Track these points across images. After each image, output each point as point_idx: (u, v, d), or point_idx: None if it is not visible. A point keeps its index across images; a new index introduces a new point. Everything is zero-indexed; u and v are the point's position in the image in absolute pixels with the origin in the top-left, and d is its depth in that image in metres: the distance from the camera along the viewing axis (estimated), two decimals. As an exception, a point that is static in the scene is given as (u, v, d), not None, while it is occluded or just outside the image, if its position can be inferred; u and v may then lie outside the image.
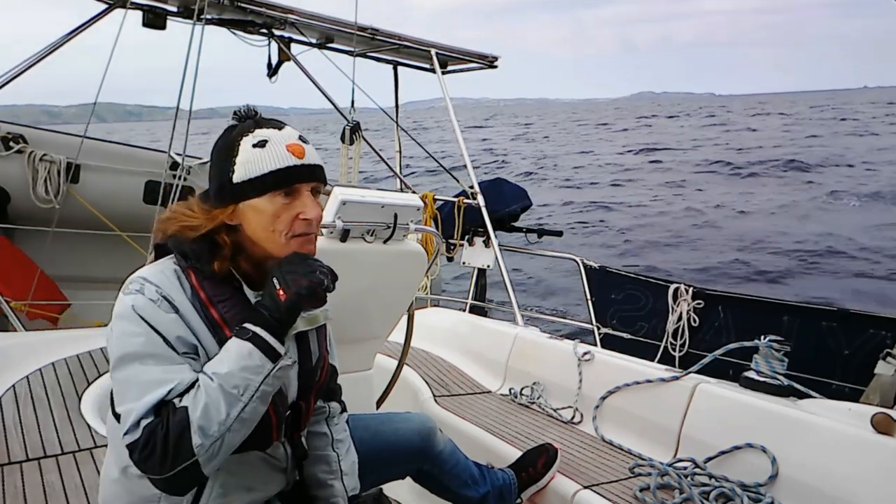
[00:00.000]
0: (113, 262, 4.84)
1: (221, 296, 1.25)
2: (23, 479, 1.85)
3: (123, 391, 1.18)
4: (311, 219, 1.27)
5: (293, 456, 1.42)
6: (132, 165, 5.21)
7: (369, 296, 2.15)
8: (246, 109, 1.33)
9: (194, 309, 1.23)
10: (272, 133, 1.28)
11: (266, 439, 1.32)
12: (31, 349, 2.68)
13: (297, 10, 4.48)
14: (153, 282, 1.23)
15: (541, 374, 2.80)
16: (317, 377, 1.43)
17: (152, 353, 1.18)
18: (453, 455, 1.93)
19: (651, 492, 1.94)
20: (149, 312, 1.19)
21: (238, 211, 1.27)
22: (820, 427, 1.91)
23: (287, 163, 1.25)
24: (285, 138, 1.28)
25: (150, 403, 1.14)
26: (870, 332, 3.53)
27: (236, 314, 1.25)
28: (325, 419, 1.55)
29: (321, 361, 1.44)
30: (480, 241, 4.82)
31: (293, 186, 1.26)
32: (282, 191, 1.25)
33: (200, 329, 1.23)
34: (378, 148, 5.01)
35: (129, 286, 1.24)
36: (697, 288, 4.30)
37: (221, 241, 1.27)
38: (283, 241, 1.26)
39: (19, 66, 4.08)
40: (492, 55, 5.44)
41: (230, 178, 1.26)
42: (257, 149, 1.26)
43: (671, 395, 2.29)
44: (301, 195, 1.27)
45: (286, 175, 1.25)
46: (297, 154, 1.27)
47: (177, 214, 1.29)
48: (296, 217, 1.26)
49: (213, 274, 1.25)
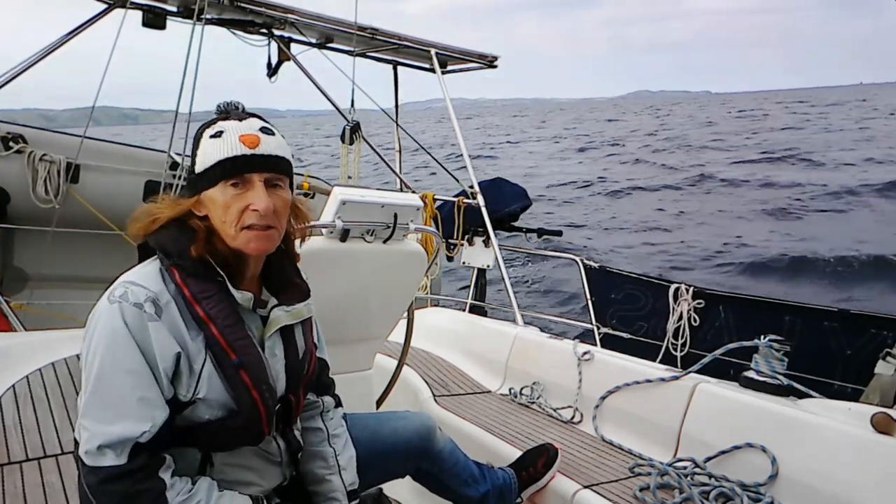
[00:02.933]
0: (113, 262, 4.81)
1: (206, 293, 1.25)
2: (23, 479, 1.85)
3: (93, 402, 1.19)
4: (258, 209, 1.23)
5: (287, 450, 1.43)
6: (132, 165, 5.20)
7: (369, 296, 2.15)
8: (226, 104, 1.32)
9: (178, 307, 1.23)
10: (230, 124, 1.28)
11: (258, 434, 1.33)
12: (31, 349, 2.68)
13: (297, 10, 4.48)
14: (138, 283, 1.23)
15: (541, 374, 2.80)
16: (304, 370, 1.43)
17: (131, 370, 1.18)
18: (453, 454, 1.92)
19: (651, 491, 1.94)
20: (133, 322, 1.19)
21: (201, 201, 1.28)
22: (820, 427, 1.91)
23: (235, 152, 1.24)
24: (241, 129, 1.27)
25: (120, 438, 1.15)
26: (871, 332, 3.52)
27: (221, 310, 1.25)
28: (320, 414, 1.56)
29: (307, 355, 1.44)
30: (480, 241, 4.82)
31: (243, 176, 1.24)
32: (230, 181, 1.24)
33: (184, 330, 1.23)
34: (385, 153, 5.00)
35: (113, 292, 1.23)
36: (698, 288, 4.30)
37: (195, 224, 1.27)
38: (232, 232, 1.25)
39: (18, 66, 4.08)
40: (492, 55, 5.43)
41: (193, 168, 1.28)
42: (213, 139, 1.26)
43: (671, 394, 2.29)
44: (253, 186, 1.25)
45: (233, 164, 1.24)
46: (248, 143, 1.25)
47: (146, 208, 1.30)
48: (245, 208, 1.24)
49: (196, 267, 1.25)
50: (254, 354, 1.28)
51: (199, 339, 1.24)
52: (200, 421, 1.26)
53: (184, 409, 1.25)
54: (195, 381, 1.23)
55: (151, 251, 1.29)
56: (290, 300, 1.39)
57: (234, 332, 1.26)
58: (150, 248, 1.29)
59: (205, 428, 1.27)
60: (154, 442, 1.19)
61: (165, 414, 1.21)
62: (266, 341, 1.33)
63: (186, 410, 1.25)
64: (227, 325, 1.25)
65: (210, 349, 1.24)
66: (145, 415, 1.18)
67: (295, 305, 1.38)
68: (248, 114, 1.32)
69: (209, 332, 1.24)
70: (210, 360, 1.24)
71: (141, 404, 1.18)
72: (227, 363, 1.24)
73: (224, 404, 1.26)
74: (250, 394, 1.27)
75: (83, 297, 4.39)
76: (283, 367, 1.37)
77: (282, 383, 1.37)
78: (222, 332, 1.24)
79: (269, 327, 1.34)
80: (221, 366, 1.24)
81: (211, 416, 1.26)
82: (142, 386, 1.18)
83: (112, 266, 1.41)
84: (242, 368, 1.25)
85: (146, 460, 1.18)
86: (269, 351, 1.34)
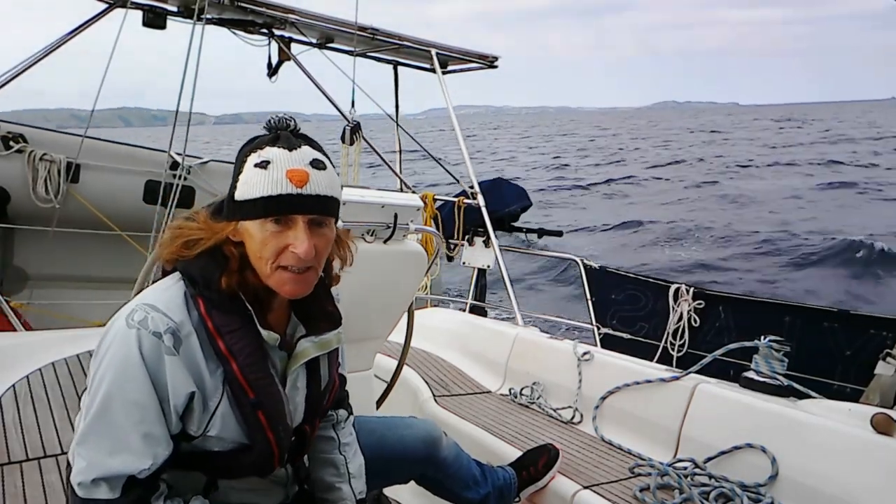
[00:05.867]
0: (113, 261, 4.85)
1: (230, 326, 1.18)
2: (23, 479, 1.85)
3: (94, 430, 1.13)
4: (298, 253, 1.15)
5: (294, 476, 1.41)
6: (132, 165, 5.21)
7: (369, 296, 2.15)
8: (277, 120, 1.20)
9: (199, 340, 1.16)
10: (279, 154, 1.16)
11: (267, 468, 1.29)
12: (31, 349, 2.68)
13: (297, 10, 4.48)
14: (161, 309, 1.15)
15: (540, 374, 2.80)
16: (325, 401, 1.39)
17: (138, 403, 1.12)
18: (457, 459, 1.91)
19: (651, 492, 1.94)
20: (149, 353, 1.12)
21: (238, 229, 1.19)
22: (820, 427, 1.91)
23: (280, 190, 1.14)
24: (290, 162, 1.15)
25: (118, 473, 1.11)
26: (870, 332, 3.53)
27: (244, 346, 1.18)
28: (333, 425, 1.53)
29: (330, 384, 1.39)
30: (480, 241, 4.82)
31: (286, 216, 1.16)
32: (272, 218, 1.15)
33: (202, 364, 1.16)
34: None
35: (133, 315, 1.14)
36: (698, 288, 4.30)
37: (229, 252, 1.19)
38: (268, 270, 1.17)
39: (21, 64, 4.09)
40: (492, 55, 5.43)
41: (233, 194, 1.18)
42: (258, 169, 1.15)
43: (671, 395, 2.29)
44: (295, 226, 1.16)
45: (277, 203, 1.14)
46: (296, 182, 1.14)
47: (180, 231, 1.21)
48: (284, 248, 1.15)
49: (223, 298, 1.18)
50: (273, 394, 1.22)
51: (217, 373, 1.18)
52: (210, 451, 1.22)
53: (192, 440, 1.20)
54: (208, 418, 1.18)
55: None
56: (320, 329, 1.32)
57: (255, 370, 1.19)
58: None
59: (213, 458, 1.23)
60: (152, 478, 1.15)
61: (169, 451, 1.16)
62: (289, 375, 1.28)
63: (196, 440, 1.20)
64: (248, 362, 1.18)
65: (229, 385, 1.18)
66: (147, 452, 1.13)
67: (323, 336, 1.32)
68: (300, 137, 1.20)
69: (229, 368, 1.17)
70: (227, 397, 1.19)
71: (145, 440, 1.12)
72: (245, 402, 1.19)
73: (236, 440, 1.22)
74: (265, 434, 1.22)
75: (83, 297, 4.41)
76: (303, 398, 1.33)
77: (299, 415, 1.33)
78: (242, 370, 1.18)
79: (294, 361, 1.28)
80: (239, 404, 1.19)
81: (221, 448, 1.22)
82: (148, 421, 1.13)
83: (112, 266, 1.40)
84: (260, 409, 1.20)
85: (139, 494, 1.14)
86: (291, 384, 1.29)
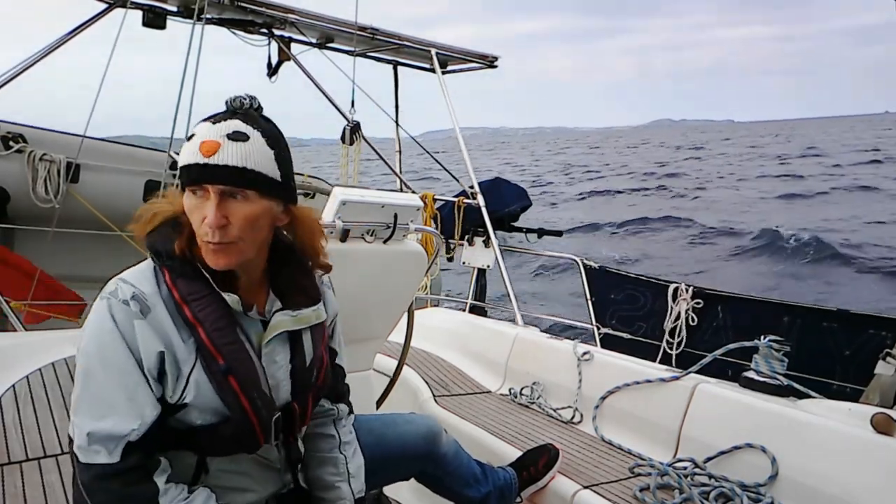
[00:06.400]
0: (113, 261, 4.79)
1: (195, 294, 1.21)
2: (23, 479, 1.85)
3: (83, 398, 1.19)
4: (208, 223, 1.16)
5: (287, 458, 1.41)
6: (132, 165, 5.21)
7: (369, 296, 2.15)
8: (233, 99, 1.23)
9: (168, 309, 1.20)
10: (202, 126, 1.19)
11: (252, 443, 1.30)
12: (31, 349, 2.68)
13: (297, 10, 4.48)
14: (128, 280, 1.22)
15: (541, 374, 2.80)
16: (312, 378, 1.39)
17: (118, 367, 1.17)
18: (457, 456, 1.91)
19: (651, 492, 1.94)
20: (121, 319, 1.17)
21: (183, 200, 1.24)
22: (820, 427, 1.91)
23: (190, 160, 1.17)
24: (209, 133, 1.18)
25: (110, 434, 1.15)
26: (870, 332, 3.53)
27: (210, 313, 1.21)
28: (333, 421, 1.53)
29: (317, 362, 1.39)
30: (480, 241, 4.82)
31: (200, 186, 1.18)
32: (190, 189, 1.19)
33: (172, 331, 1.20)
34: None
35: (105, 289, 1.22)
36: (697, 288, 4.30)
37: (184, 221, 1.23)
38: (199, 240, 1.21)
39: (21, 63, 4.08)
40: (492, 55, 5.43)
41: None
42: (187, 142, 1.20)
43: (671, 395, 2.29)
44: (208, 197, 1.17)
45: (187, 172, 1.18)
46: (203, 151, 1.16)
47: (146, 207, 1.27)
48: (203, 220, 1.18)
49: (185, 268, 1.22)
50: (244, 360, 1.24)
51: (190, 341, 1.21)
52: (192, 425, 1.24)
53: (175, 411, 1.23)
54: (183, 384, 1.20)
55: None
56: (296, 304, 1.34)
57: (222, 335, 1.22)
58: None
59: (197, 432, 1.24)
60: (147, 442, 1.18)
61: (156, 412, 1.19)
62: (264, 347, 1.29)
63: (178, 413, 1.22)
64: (215, 328, 1.21)
65: (200, 352, 1.21)
66: (134, 412, 1.17)
67: (301, 310, 1.33)
68: (235, 113, 1.21)
69: (198, 335, 1.20)
70: (200, 365, 1.21)
71: (129, 401, 1.17)
72: (216, 368, 1.21)
73: (215, 410, 1.23)
74: (239, 400, 1.23)
75: (83, 297, 4.41)
76: (286, 374, 1.33)
77: (284, 391, 1.33)
78: (210, 336, 1.21)
79: (269, 332, 1.29)
80: (210, 370, 1.21)
81: (203, 421, 1.23)
82: (130, 383, 1.17)
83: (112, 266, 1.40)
84: (231, 374, 1.22)
85: (139, 460, 1.17)
86: (268, 357, 1.30)
